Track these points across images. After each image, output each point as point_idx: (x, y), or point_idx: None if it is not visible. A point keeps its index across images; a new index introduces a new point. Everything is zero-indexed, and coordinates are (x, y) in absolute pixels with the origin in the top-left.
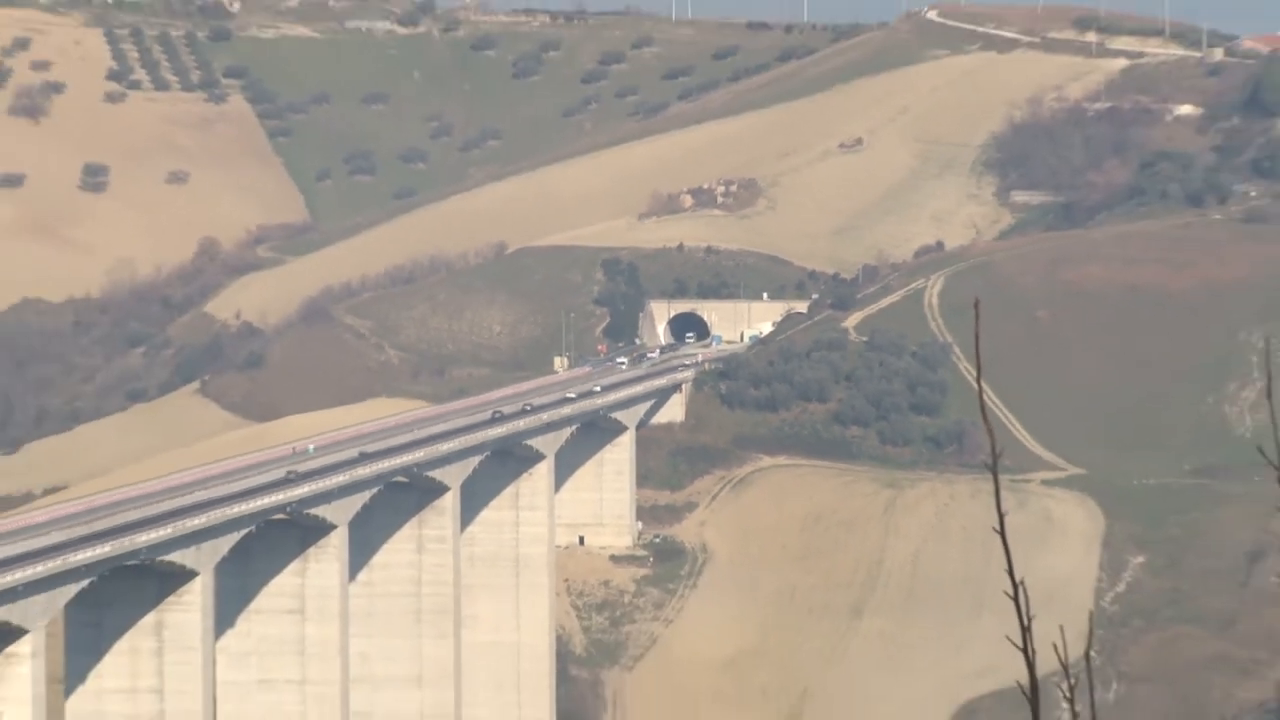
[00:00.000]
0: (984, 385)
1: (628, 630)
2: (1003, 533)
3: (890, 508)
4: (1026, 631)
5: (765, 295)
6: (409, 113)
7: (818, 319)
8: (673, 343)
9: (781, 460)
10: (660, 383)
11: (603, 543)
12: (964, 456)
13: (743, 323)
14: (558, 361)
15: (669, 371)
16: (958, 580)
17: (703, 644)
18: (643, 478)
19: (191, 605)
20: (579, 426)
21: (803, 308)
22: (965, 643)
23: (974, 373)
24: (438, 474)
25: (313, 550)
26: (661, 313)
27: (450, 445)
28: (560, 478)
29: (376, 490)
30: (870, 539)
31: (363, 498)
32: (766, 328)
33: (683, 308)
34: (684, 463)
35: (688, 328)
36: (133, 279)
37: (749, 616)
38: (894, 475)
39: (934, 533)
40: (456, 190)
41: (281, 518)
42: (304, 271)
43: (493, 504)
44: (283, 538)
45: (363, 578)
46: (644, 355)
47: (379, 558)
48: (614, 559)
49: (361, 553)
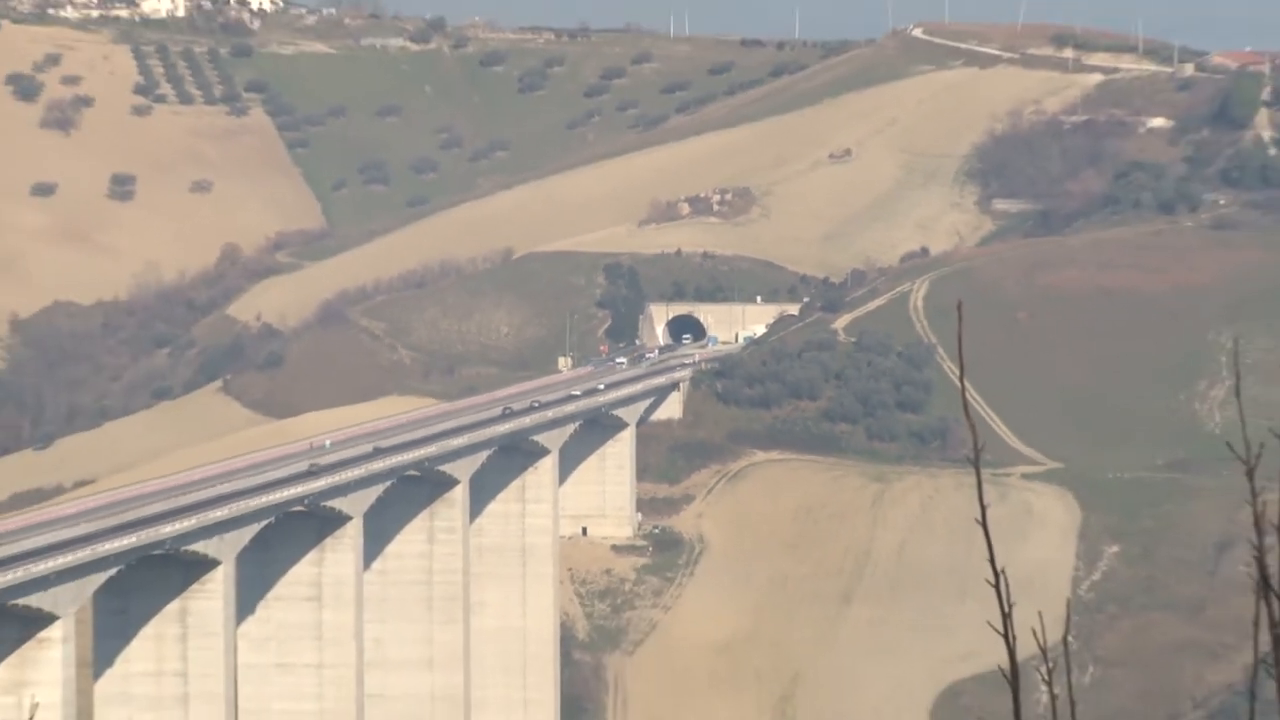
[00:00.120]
0: (966, 384)
1: (628, 616)
2: (984, 524)
3: (878, 500)
4: (1007, 618)
5: (759, 298)
6: (421, 125)
7: (808, 321)
8: (671, 343)
9: (774, 455)
10: (659, 381)
11: (604, 533)
12: (948, 451)
13: (737, 324)
14: (562, 361)
15: (668, 371)
16: (942, 569)
17: (699, 629)
18: (643, 471)
19: (214, 593)
20: (582, 423)
21: (794, 310)
22: (949, 628)
23: (957, 372)
24: (448, 468)
25: (329, 540)
26: (660, 315)
27: (460, 441)
28: (564, 472)
29: (390, 483)
30: (859, 530)
31: (377, 490)
32: (760, 329)
33: (681, 310)
34: (682, 457)
35: (685, 329)
36: (158, 283)
37: (743, 603)
38: (881, 469)
39: (919, 524)
40: (466, 198)
41: (300, 510)
42: (321, 276)
43: (500, 497)
44: (301, 528)
45: (377, 566)
46: (643, 355)
47: (392, 547)
48: (615, 549)
49: (376, 543)
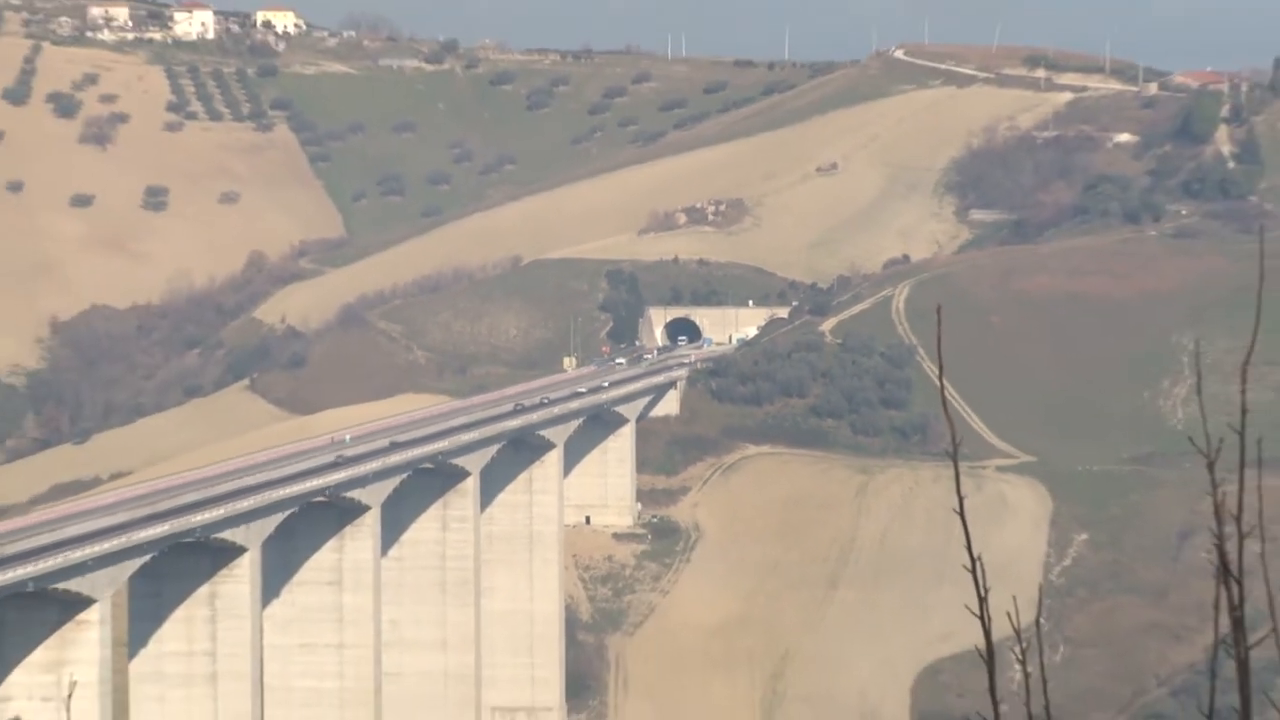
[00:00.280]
0: (945, 382)
1: (629, 600)
2: (962, 513)
3: (862, 491)
4: (983, 601)
5: (751, 302)
6: (435, 140)
7: (797, 323)
8: (668, 344)
9: (765, 449)
10: (658, 380)
11: (606, 522)
12: (927, 445)
13: (731, 327)
14: (566, 361)
15: (666, 370)
16: (922, 556)
17: (695, 612)
18: (642, 464)
19: (241, 578)
20: (586, 419)
21: (784, 313)
22: (929, 611)
23: (936, 371)
24: (460, 461)
25: (349, 529)
26: (659, 318)
27: (471, 435)
28: (569, 464)
29: (406, 475)
30: (844, 519)
31: (394, 482)
32: (752, 331)
33: (678, 313)
34: (679, 451)
35: (682, 331)
36: (190, 288)
37: (736, 588)
38: (865, 462)
39: (901, 513)
40: (477, 209)
41: (321, 500)
42: (341, 281)
43: (509, 488)
44: (322, 518)
45: (394, 553)
46: (641, 356)
47: (408, 535)
48: (616, 536)
49: (392, 531)
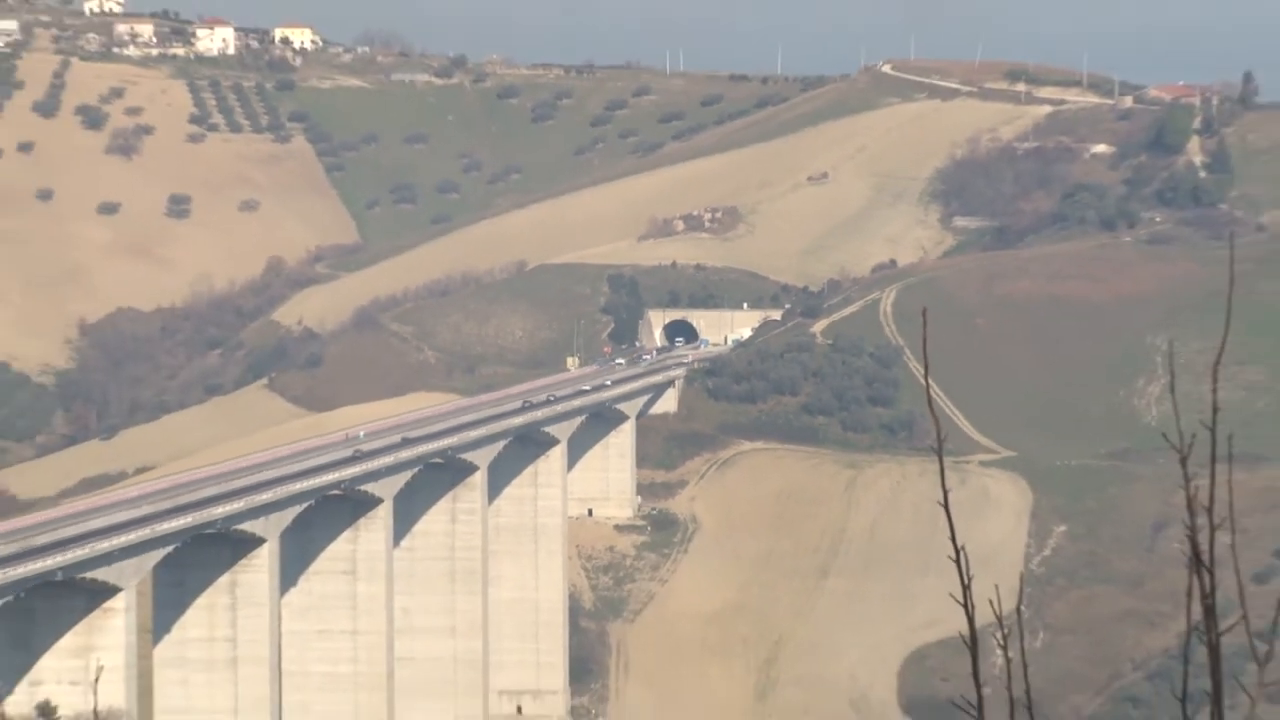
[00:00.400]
0: (930, 381)
1: (629, 588)
2: (946, 506)
3: (851, 485)
4: (967, 590)
5: (745, 305)
6: (444, 151)
7: (789, 325)
8: (667, 345)
9: (759, 444)
10: (657, 379)
11: (608, 514)
12: (914, 441)
13: (726, 328)
14: (569, 361)
15: (664, 370)
16: (909, 546)
17: (692, 600)
18: (642, 459)
19: (260, 567)
20: (588, 416)
21: (777, 315)
22: (915, 599)
23: (922, 370)
24: (469, 456)
25: (363, 521)
26: (658, 320)
27: (479, 432)
28: (572, 459)
29: (417, 470)
30: (834, 511)
31: (405, 476)
32: (746, 332)
33: (676, 315)
34: (677, 447)
35: (679, 333)
36: (211, 291)
37: (731, 577)
38: (854, 457)
39: (888, 506)
40: (484, 216)
41: (337, 493)
42: (356, 285)
43: (515, 482)
44: (338, 510)
45: (405, 544)
46: (640, 356)
47: (419, 527)
48: (617, 528)
49: (404, 523)
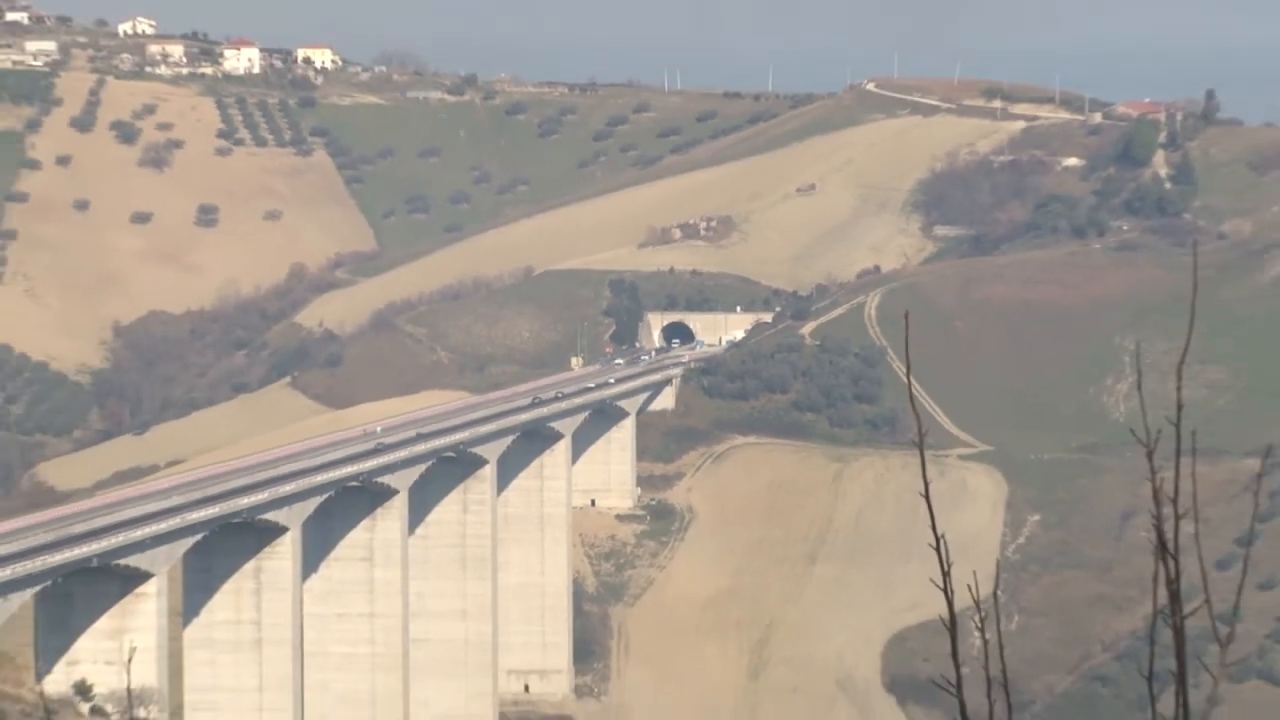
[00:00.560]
0: (912, 380)
1: (629, 574)
2: (927, 497)
3: (838, 477)
4: (946, 575)
5: (738, 308)
6: (456, 164)
7: (780, 327)
8: (665, 346)
9: (751, 439)
10: (655, 378)
11: (610, 504)
12: (896, 436)
13: (721, 330)
14: (573, 361)
15: (662, 369)
16: (891, 535)
17: (689, 585)
18: (641, 453)
19: (283, 554)
20: (591, 412)
21: (768, 318)
22: (897, 584)
23: (904, 370)
24: (479, 450)
25: (380, 511)
26: (656, 322)
27: (489, 427)
28: (576, 453)
29: (431, 463)
30: (822, 502)
31: (420, 469)
32: (739, 334)
33: (673, 318)
34: (674, 441)
35: (677, 334)
36: (237, 296)
37: (725, 563)
38: (841, 451)
39: (872, 497)
40: (493, 225)
41: (355, 484)
42: (373, 290)
43: (522, 474)
44: (356, 500)
45: (420, 532)
46: (639, 356)
47: (432, 516)
48: (619, 518)
49: (419, 512)
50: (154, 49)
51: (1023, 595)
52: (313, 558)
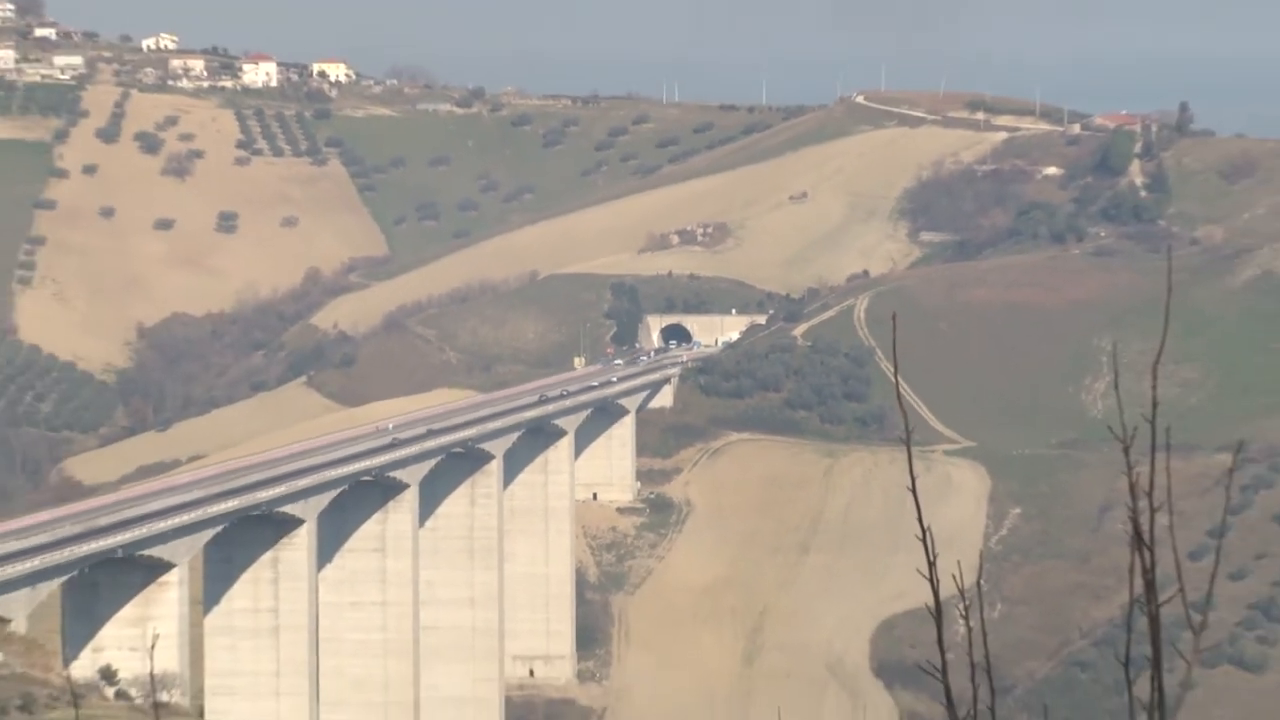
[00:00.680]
0: (899, 379)
1: (630, 564)
2: (914, 491)
3: (828, 472)
4: (932, 565)
5: (734, 311)
6: (465, 173)
7: (773, 329)
8: (663, 346)
9: (746, 436)
10: (655, 377)
11: (611, 498)
12: (884, 433)
13: (717, 331)
14: (576, 361)
15: (661, 369)
16: (879, 526)
17: (687, 575)
18: (641, 448)
19: (300, 545)
20: (593, 410)
21: (762, 320)
22: (885, 574)
23: (892, 369)
24: (486, 446)
25: (392, 504)
26: (655, 324)
27: (496, 424)
28: (579, 449)
29: (440, 458)
30: (813, 495)
31: (430, 464)
32: (735, 335)
33: (672, 320)
34: (672, 437)
35: (675, 335)
36: (256, 299)
37: (721, 554)
38: (831, 447)
39: (862, 491)
40: (500, 231)
41: (368, 479)
42: (385, 293)
43: (528, 469)
44: (369, 494)
45: (429, 524)
46: (638, 357)
47: (442, 509)
48: (619, 510)
49: (429, 505)
50: (176, 63)
51: (1005, 584)
52: (327, 548)
